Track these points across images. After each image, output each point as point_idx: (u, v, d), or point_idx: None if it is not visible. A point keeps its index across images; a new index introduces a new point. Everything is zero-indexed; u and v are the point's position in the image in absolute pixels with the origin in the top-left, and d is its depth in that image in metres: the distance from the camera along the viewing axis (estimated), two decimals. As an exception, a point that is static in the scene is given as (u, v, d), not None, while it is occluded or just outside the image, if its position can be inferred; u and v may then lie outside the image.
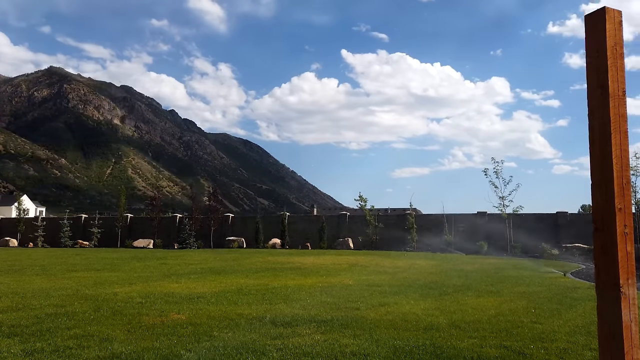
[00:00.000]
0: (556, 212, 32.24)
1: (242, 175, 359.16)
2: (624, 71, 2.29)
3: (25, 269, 17.79)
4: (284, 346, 5.59)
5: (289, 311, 8.00)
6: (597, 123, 2.26)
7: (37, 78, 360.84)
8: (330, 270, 16.86)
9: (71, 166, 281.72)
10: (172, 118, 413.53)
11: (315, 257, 23.14)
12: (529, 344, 5.81)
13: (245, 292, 10.74)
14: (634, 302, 2.15)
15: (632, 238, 2.19)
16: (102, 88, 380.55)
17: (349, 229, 36.82)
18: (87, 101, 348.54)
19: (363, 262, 20.65)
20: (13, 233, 43.45)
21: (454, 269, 17.62)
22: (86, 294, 10.25)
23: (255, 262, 20.53)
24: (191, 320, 7.22)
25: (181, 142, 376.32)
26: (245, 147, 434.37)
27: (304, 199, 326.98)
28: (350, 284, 12.35)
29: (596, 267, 2.23)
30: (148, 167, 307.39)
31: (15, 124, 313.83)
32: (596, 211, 2.25)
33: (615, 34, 2.25)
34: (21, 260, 23.03)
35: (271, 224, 38.71)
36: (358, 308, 8.41)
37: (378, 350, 5.41)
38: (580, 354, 5.38)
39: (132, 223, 42.85)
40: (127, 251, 31.86)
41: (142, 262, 21.08)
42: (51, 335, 6.25)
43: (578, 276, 15.53)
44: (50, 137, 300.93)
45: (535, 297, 10.37)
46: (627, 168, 2.23)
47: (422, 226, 34.11)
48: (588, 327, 6.62)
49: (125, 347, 5.59)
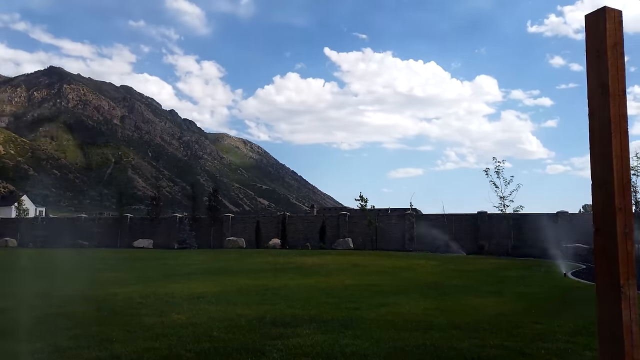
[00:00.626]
0: (556, 212, 32.25)
1: (242, 175, 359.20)
2: (624, 71, 2.28)
3: (25, 269, 17.80)
4: (284, 346, 5.58)
5: (289, 311, 8.00)
6: (597, 123, 2.25)
7: (37, 78, 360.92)
8: (330, 270, 16.86)
9: (71, 166, 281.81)
10: (172, 118, 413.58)
11: (315, 257, 23.13)
12: (530, 344, 5.81)
13: (245, 292, 10.74)
14: (634, 302, 2.14)
15: (632, 238, 2.19)
16: (102, 88, 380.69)
17: (349, 229, 36.80)
18: (86, 101, 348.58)
19: (363, 262, 20.64)
20: (13, 233, 43.45)
21: (454, 269, 17.62)
22: (86, 294, 10.25)
23: (255, 262, 20.53)
24: (191, 321, 7.22)
25: (181, 142, 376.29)
26: (245, 147, 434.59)
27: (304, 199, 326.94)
28: (350, 284, 12.35)
29: (596, 267, 2.23)
30: (148, 167, 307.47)
31: (15, 124, 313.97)
32: (596, 211, 2.24)
33: (616, 33, 2.24)
34: (21, 260, 23.03)
35: (271, 224, 38.71)
36: (358, 308, 8.41)
37: (378, 351, 5.41)
38: (581, 354, 5.38)
39: (132, 223, 42.84)
40: (127, 251, 31.86)
41: (142, 262, 21.08)
42: (51, 335, 6.25)
43: (578, 276, 15.53)
44: (50, 137, 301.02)
45: (535, 297, 10.38)
46: (628, 168, 2.23)
47: (422, 226, 34.10)
48: (588, 327, 6.61)
49: (125, 347, 5.58)
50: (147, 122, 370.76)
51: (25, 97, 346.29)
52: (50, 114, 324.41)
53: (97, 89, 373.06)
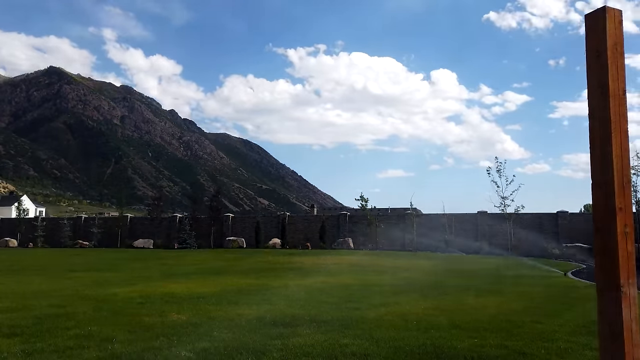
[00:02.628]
0: (557, 212, 32.24)
1: (242, 175, 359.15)
2: (624, 70, 2.28)
3: (25, 269, 17.80)
4: (284, 346, 5.58)
5: (289, 311, 8.00)
6: (597, 123, 2.25)
7: (37, 78, 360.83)
8: (330, 270, 16.86)
9: (71, 166, 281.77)
10: (172, 118, 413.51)
11: (316, 257, 23.13)
12: (530, 343, 5.81)
13: (245, 292, 10.74)
14: (635, 302, 2.14)
15: (632, 238, 2.19)
16: (102, 88, 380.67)
17: (349, 228, 36.80)
18: (86, 101, 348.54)
19: (363, 262, 20.64)
20: (13, 233, 43.43)
21: (454, 269, 17.63)
22: (86, 294, 10.25)
23: (256, 262, 20.53)
24: (191, 321, 7.22)
25: (181, 142, 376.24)
26: (245, 147, 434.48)
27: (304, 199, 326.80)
28: (350, 284, 12.35)
29: (596, 266, 2.23)
30: (148, 167, 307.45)
31: (15, 124, 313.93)
32: (597, 211, 2.24)
33: (616, 33, 2.24)
34: (21, 260, 23.04)
35: (271, 224, 38.71)
36: (358, 308, 8.41)
37: (378, 351, 5.41)
38: (581, 354, 5.38)
39: (132, 223, 42.84)
40: (127, 251, 31.86)
41: (142, 262, 21.08)
42: (51, 335, 6.25)
43: (578, 276, 15.53)
44: (50, 137, 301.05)
45: (535, 296, 10.38)
46: (628, 167, 2.23)
47: (422, 226, 34.09)
48: (589, 326, 6.62)
49: (125, 347, 5.58)
50: (147, 122, 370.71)
51: (25, 97, 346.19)
52: (50, 114, 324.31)
53: (97, 89, 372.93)
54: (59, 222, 43.68)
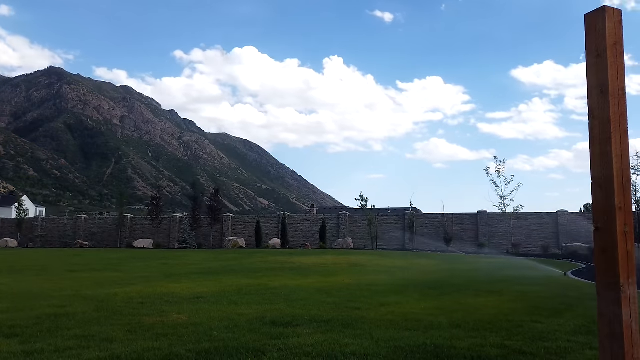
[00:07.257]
0: (556, 212, 32.26)
1: (242, 175, 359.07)
2: (624, 70, 2.28)
3: (25, 269, 17.80)
4: (284, 346, 5.58)
5: (289, 311, 8.00)
6: (597, 122, 2.25)
7: (37, 78, 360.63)
8: (330, 270, 16.86)
9: (71, 166, 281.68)
10: (172, 118, 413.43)
11: (316, 257, 23.13)
12: (530, 343, 5.81)
13: (245, 292, 10.73)
14: (634, 301, 2.15)
15: (632, 237, 2.19)
16: (102, 88, 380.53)
17: (349, 228, 36.81)
18: (86, 101, 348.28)
19: (363, 261, 20.65)
20: (13, 233, 43.45)
21: (454, 269, 17.63)
22: (86, 294, 10.24)
23: (256, 262, 20.53)
24: (191, 321, 7.22)
25: (181, 142, 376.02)
26: (245, 147, 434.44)
27: (304, 198, 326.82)
28: (351, 284, 12.35)
29: (596, 266, 2.23)
30: (148, 167, 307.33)
31: (15, 124, 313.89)
32: (597, 210, 2.24)
33: (615, 32, 2.24)
34: (21, 260, 23.03)
35: (271, 224, 38.72)
36: (358, 308, 8.41)
37: (379, 350, 5.41)
38: (581, 353, 5.38)
39: (132, 223, 42.86)
40: (127, 251, 31.86)
41: (142, 262, 21.09)
42: (51, 335, 6.24)
43: (578, 275, 15.54)
44: (50, 137, 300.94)
45: (535, 296, 10.38)
46: (628, 167, 2.23)
47: (422, 226, 34.10)
48: (589, 326, 6.62)
49: (125, 347, 5.58)
50: (147, 122, 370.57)
51: (25, 97, 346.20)
52: (50, 114, 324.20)
53: (97, 89, 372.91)
54: (59, 222, 43.69)
